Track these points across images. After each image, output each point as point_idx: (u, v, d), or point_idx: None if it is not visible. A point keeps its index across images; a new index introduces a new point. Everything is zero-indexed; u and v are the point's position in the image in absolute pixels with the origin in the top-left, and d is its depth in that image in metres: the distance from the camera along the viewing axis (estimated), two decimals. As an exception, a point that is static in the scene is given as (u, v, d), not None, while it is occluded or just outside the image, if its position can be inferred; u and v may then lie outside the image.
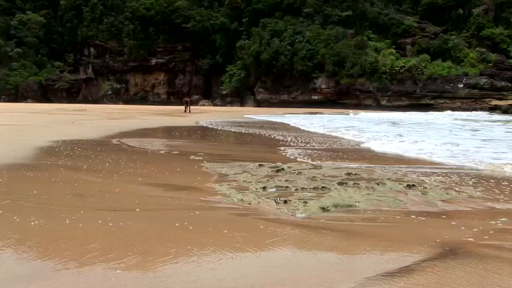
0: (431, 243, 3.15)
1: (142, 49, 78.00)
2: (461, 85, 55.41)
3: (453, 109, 52.78)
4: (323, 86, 64.20)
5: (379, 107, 59.13)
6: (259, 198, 4.42)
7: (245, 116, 31.11)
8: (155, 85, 79.91)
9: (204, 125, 19.19)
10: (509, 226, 3.64)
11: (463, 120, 27.58)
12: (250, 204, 4.23)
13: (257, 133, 15.17)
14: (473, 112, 48.09)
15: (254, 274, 2.58)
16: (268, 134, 14.44)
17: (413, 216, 3.90)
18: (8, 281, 2.42)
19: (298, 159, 7.54)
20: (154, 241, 3.09)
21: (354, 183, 5.29)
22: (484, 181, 5.54)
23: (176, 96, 76.09)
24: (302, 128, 18.58)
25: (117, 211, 3.83)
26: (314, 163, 7.08)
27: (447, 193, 4.79)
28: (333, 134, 14.78)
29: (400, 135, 14.05)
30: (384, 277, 2.55)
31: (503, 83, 54.70)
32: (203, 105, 70.69)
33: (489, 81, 54.57)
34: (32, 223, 3.41)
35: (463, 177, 5.87)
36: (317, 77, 64.31)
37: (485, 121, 26.71)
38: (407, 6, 72.35)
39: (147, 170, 6.12)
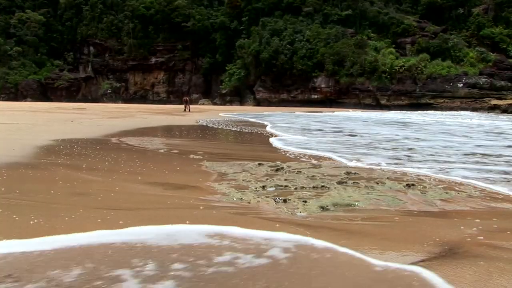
0: (430, 242, 3.15)
1: (142, 48, 78.02)
2: (461, 85, 55.44)
3: (452, 109, 52.89)
4: (322, 85, 64.24)
5: (378, 106, 59.19)
6: (258, 197, 4.42)
7: (220, 114, 31.73)
8: (154, 84, 79.94)
9: (204, 124, 19.18)
10: (509, 225, 3.64)
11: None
12: (249, 203, 4.23)
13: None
14: (473, 112, 48.16)
15: (254, 273, 2.57)
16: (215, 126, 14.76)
17: (412, 216, 3.91)
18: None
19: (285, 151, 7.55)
20: (154, 240, 3.08)
21: (354, 182, 5.29)
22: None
23: (176, 95, 76.18)
24: (265, 124, 19.47)
25: (117, 210, 3.83)
26: (313, 162, 7.08)
27: (446, 193, 4.80)
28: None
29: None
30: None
31: (502, 83, 54.74)
32: (203, 104, 70.75)
33: (488, 81, 54.60)
34: (32, 222, 3.41)
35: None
36: (317, 76, 64.34)
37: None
38: (407, 6, 72.42)
39: (146, 169, 6.11)
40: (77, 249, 2.88)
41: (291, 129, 16.65)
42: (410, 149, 9.62)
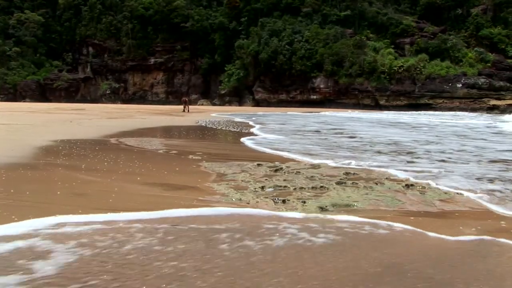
0: (429, 243, 3.16)
1: (141, 48, 78.01)
2: (460, 85, 55.53)
3: (451, 109, 52.98)
4: (321, 86, 64.29)
5: (377, 106, 59.26)
6: (257, 198, 4.42)
7: (211, 115, 32.14)
8: (153, 84, 79.93)
9: (203, 124, 19.19)
10: (509, 226, 3.64)
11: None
12: (248, 203, 4.22)
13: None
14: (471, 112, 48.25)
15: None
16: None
17: (411, 216, 3.91)
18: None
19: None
20: (153, 241, 3.08)
21: (353, 182, 5.29)
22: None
23: (175, 95, 76.17)
24: (250, 123, 20.15)
25: (116, 210, 3.82)
26: (313, 162, 7.08)
27: (445, 193, 4.80)
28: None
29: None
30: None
31: (501, 83, 54.84)
32: (202, 104, 70.76)
33: (487, 81, 54.70)
34: (30, 223, 3.40)
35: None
36: (316, 77, 64.39)
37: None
38: (406, 6, 72.54)
39: (145, 169, 6.11)
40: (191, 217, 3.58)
41: (282, 130, 16.14)
42: (410, 152, 8.69)
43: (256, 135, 13.31)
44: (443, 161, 7.56)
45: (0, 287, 2.27)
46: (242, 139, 11.40)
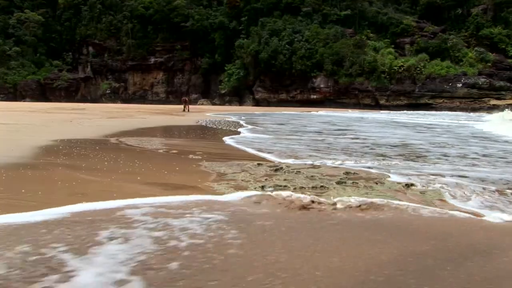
0: (429, 243, 3.15)
1: (141, 48, 78.08)
2: (460, 85, 55.57)
3: (451, 109, 52.99)
4: (321, 85, 64.35)
5: (377, 106, 59.29)
6: (257, 197, 4.41)
7: (206, 114, 32.28)
8: (153, 84, 79.99)
9: (204, 124, 19.18)
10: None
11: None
12: (248, 203, 4.22)
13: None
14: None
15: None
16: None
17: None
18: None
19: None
20: (153, 240, 3.09)
21: (353, 182, 5.29)
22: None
23: (175, 95, 76.26)
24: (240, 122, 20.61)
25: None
26: (312, 162, 7.07)
27: (445, 193, 4.80)
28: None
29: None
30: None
31: (501, 83, 54.89)
32: (202, 104, 70.82)
33: (487, 81, 54.73)
34: (30, 222, 3.39)
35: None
36: (316, 76, 64.48)
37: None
38: (406, 6, 72.62)
39: (145, 169, 6.10)
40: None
41: (279, 131, 15.65)
42: (420, 156, 7.75)
43: (240, 134, 13.51)
44: (472, 165, 6.58)
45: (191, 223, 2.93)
46: (224, 138, 11.45)
